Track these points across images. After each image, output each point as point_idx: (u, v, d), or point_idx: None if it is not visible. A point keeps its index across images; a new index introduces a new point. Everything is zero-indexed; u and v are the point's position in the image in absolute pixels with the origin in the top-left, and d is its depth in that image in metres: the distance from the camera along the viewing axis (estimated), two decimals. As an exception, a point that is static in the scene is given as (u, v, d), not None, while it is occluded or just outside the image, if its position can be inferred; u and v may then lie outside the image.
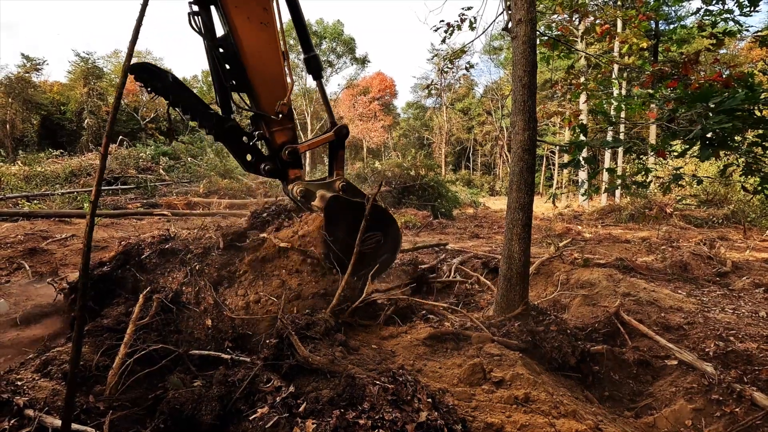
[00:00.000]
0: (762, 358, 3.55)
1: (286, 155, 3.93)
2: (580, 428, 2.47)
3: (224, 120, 3.73)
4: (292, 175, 4.10)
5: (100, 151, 7.19)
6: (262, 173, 3.97)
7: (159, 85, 3.43)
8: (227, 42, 3.59)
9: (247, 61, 3.61)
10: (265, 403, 2.35)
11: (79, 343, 1.72)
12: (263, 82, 3.73)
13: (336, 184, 4.13)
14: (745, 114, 2.49)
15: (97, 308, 3.74)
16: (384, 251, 4.22)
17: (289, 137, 3.97)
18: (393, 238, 4.27)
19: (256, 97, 3.76)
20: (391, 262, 4.48)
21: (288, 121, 3.94)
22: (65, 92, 39.87)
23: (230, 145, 3.85)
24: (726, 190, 16.57)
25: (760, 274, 7.25)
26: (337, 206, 3.87)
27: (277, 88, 3.79)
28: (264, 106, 3.79)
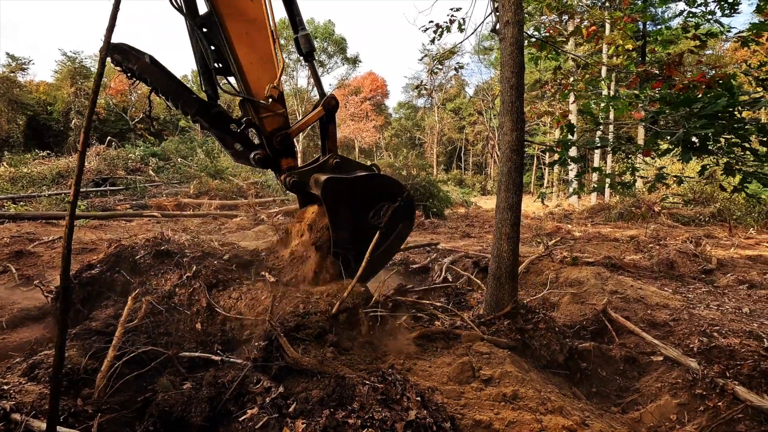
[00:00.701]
0: (744, 353, 3.63)
1: (278, 143, 3.67)
2: (566, 424, 2.52)
3: (209, 106, 3.46)
4: (285, 164, 3.80)
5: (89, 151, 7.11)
6: (252, 163, 3.72)
7: (134, 67, 3.17)
8: (211, 20, 3.33)
9: (233, 41, 3.35)
10: (255, 404, 2.35)
11: (62, 346, 1.72)
12: (251, 64, 3.46)
13: (329, 162, 3.78)
14: (726, 117, 2.55)
15: (86, 311, 3.71)
16: (400, 219, 3.80)
17: (280, 123, 3.68)
18: (405, 201, 3.82)
19: (244, 81, 3.49)
20: (410, 228, 4.05)
21: (279, 106, 3.65)
22: (52, 92, 39.29)
23: (217, 133, 3.61)
24: (712, 189, 16.85)
25: (744, 271, 7.39)
26: (335, 188, 3.50)
27: (266, 70, 3.53)
28: (252, 91, 3.52)
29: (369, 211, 3.64)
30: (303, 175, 3.75)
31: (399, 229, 3.84)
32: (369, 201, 3.66)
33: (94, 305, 3.75)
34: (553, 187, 33.36)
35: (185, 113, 3.42)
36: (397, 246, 3.96)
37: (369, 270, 3.68)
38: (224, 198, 16.30)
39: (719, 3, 4.14)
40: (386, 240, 3.71)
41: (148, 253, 4.26)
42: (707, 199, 17.09)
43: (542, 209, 21.70)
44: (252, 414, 2.27)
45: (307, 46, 3.77)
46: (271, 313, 2.67)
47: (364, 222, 3.64)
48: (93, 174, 17.77)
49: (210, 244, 5.28)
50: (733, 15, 3.84)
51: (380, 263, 4.05)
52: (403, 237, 4.03)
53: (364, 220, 3.64)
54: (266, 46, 3.50)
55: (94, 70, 40.50)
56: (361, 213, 3.61)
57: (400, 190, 3.79)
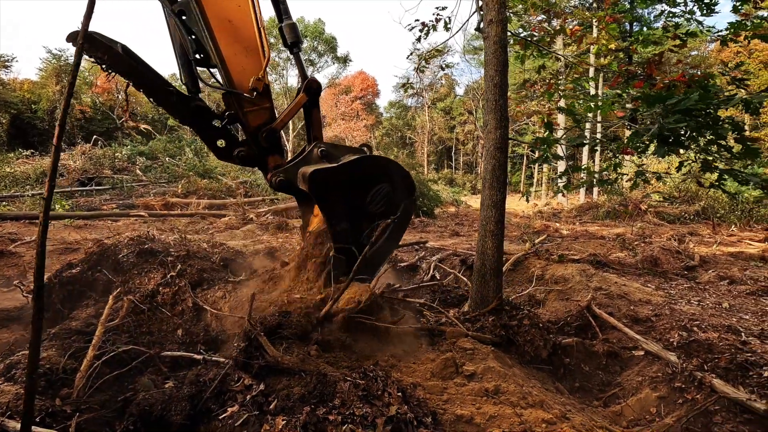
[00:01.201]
0: (722, 347, 3.70)
1: (263, 139, 3.42)
2: (546, 417, 2.55)
3: (187, 99, 3.24)
4: (272, 162, 3.55)
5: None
6: (236, 161, 3.50)
7: (105, 57, 2.95)
8: (189, 6, 3.11)
9: (215, 29, 3.13)
10: (236, 401, 2.34)
11: (37, 346, 1.70)
12: (234, 55, 3.23)
13: (314, 152, 3.53)
14: (701, 114, 2.60)
15: (66, 311, 3.66)
16: (399, 199, 3.56)
17: (265, 118, 3.44)
18: (401, 178, 3.57)
19: (226, 73, 3.26)
20: (413, 208, 3.78)
21: (264, 99, 3.41)
22: (36, 90, 38.57)
23: (198, 129, 3.37)
24: (697, 188, 17.16)
25: (725, 267, 7.54)
26: (322, 180, 3.26)
27: (250, 61, 3.29)
28: (235, 83, 3.28)
29: (365, 197, 3.39)
30: (289, 172, 3.50)
31: (401, 210, 3.56)
32: (363, 186, 3.42)
33: (75, 305, 3.70)
34: (542, 186, 33.67)
35: (162, 107, 3.23)
36: (402, 228, 3.69)
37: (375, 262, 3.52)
38: (213, 197, 16.17)
39: (698, 3, 4.21)
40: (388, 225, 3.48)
41: (131, 251, 4.22)
42: (692, 197, 17.41)
43: (531, 208, 21.90)
44: (232, 412, 2.26)
45: (293, 36, 3.55)
46: (250, 312, 2.65)
47: (362, 209, 3.41)
48: (78, 173, 17.51)
49: (196, 244, 5.25)
50: (711, 15, 3.92)
51: (386, 251, 3.78)
52: (408, 216, 3.77)
53: (362, 207, 3.41)
54: (251, 35, 3.27)
55: (80, 68, 39.86)
56: (357, 200, 3.38)
57: (394, 169, 3.55)
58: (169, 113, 3.30)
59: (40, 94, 37.74)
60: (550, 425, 2.51)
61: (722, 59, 29.34)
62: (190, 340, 3.38)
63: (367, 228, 3.38)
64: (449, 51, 40.08)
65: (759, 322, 4.61)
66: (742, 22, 3.53)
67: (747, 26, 3.35)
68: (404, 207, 3.58)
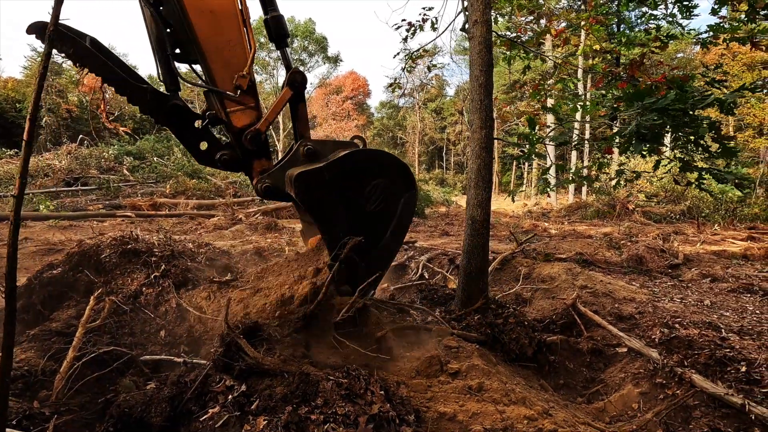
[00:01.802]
0: (702, 343, 3.77)
1: (248, 141, 3.15)
2: (528, 413, 2.57)
3: (163, 98, 2.98)
4: (258, 167, 3.28)
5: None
6: (218, 165, 3.21)
7: (71, 51, 2.73)
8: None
9: (195, 20, 2.88)
10: (217, 402, 2.32)
11: (10, 348, 1.67)
12: (216, 50, 2.98)
13: (300, 151, 3.23)
14: (678, 114, 2.66)
15: (47, 312, 3.61)
16: (398, 193, 3.29)
17: (251, 119, 3.18)
18: (398, 170, 3.28)
19: (207, 69, 3.02)
20: (414, 201, 3.45)
21: (249, 98, 3.14)
22: (21, 89, 37.88)
23: (176, 130, 3.10)
24: (683, 188, 17.45)
25: (708, 265, 7.68)
26: (308, 183, 2.99)
27: (234, 56, 3.03)
28: (218, 80, 3.03)
29: (360, 195, 3.13)
30: (276, 177, 3.23)
31: (402, 204, 3.28)
32: (357, 183, 3.14)
33: (56, 306, 3.65)
34: (531, 185, 33.96)
35: (136, 105, 2.97)
36: (405, 223, 3.40)
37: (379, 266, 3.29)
38: (202, 198, 16.03)
39: (679, 5, 4.29)
40: (389, 223, 3.26)
41: (114, 252, 4.17)
42: (678, 197, 17.70)
43: (522, 207, 22.07)
44: (213, 413, 2.24)
45: (279, 29, 3.26)
46: (227, 315, 2.64)
47: (359, 209, 3.15)
48: (64, 173, 17.24)
49: (182, 244, 5.19)
50: (691, 18, 3.99)
51: (389, 253, 3.49)
52: (410, 211, 3.43)
53: (358, 207, 3.15)
54: (234, 27, 3.02)
55: (66, 66, 39.24)
56: (352, 199, 3.11)
57: (389, 161, 3.25)
58: (143, 113, 3.05)
59: (25, 92, 37.08)
60: (532, 421, 2.54)
61: (706, 61, 29.88)
62: (172, 341, 3.34)
63: (367, 229, 3.12)
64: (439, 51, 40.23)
65: (739, 319, 4.71)
66: (720, 24, 3.60)
67: (725, 29, 3.42)
68: (405, 201, 3.31)
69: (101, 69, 2.84)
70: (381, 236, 3.27)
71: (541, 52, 7.91)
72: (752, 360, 3.50)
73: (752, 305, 5.31)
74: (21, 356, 2.85)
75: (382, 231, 3.27)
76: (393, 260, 3.70)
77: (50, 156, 19.09)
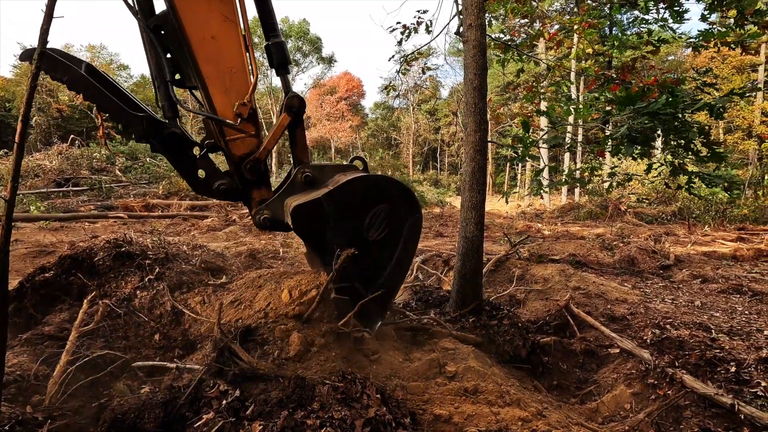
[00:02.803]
0: (692, 343, 3.83)
1: (247, 171, 3.08)
2: (522, 415, 2.60)
3: (160, 125, 2.90)
4: (257, 196, 3.19)
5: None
6: (216, 195, 3.13)
7: (65, 78, 2.71)
8: (168, 21, 2.77)
9: (195, 46, 2.80)
10: (211, 408, 2.31)
11: (2, 353, 1.66)
12: (217, 76, 2.90)
13: (297, 179, 3.15)
14: (668, 117, 2.71)
15: (39, 316, 3.57)
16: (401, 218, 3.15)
17: (251, 147, 3.09)
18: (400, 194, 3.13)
19: (207, 96, 2.94)
20: (420, 224, 3.31)
21: (250, 126, 3.05)
22: (11, 88, 37.44)
23: (173, 159, 3.01)
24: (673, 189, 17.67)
25: (699, 266, 7.78)
26: (307, 216, 2.88)
27: (235, 83, 2.96)
28: (218, 107, 2.96)
29: (362, 223, 3.00)
30: (274, 208, 3.14)
31: (406, 229, 3.16)
32: (358, 211, 3.01)
33: (48, 309, 3.61)
34: (525, 187, 34.16)
35: (131, 133, 2.91)
36: (411, 248, 3.27)
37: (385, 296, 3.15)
38: (195, 198, 15.94)
39: (670, 10, 4.35)
40: (394, 249, 3.14)
41: (107, 255, 4.13)
42: (669, 198, 17.92)
43: (515, 209, 22.20)
44: (207, 419, 2.23)
45: (280, 56, 3.17)
46: (219, 319, 2.64)
47: (362, 238, 3.01)
48: (55, 174, 17.06)
49: (176, 246, 5.17)
50: (682, 22, 4.06)
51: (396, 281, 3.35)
52: (415, 237, 3.29)
53: (361, 236, 3.01)
54: (236, 54, 2.93)
55: (57, 66, 38.92)
56: (353, 229, 2.98)
57: (391, 185, 3.12)
58: (139, 141, 2.97)
59: (15, 92, 36.66)
60: (526, 423, 2.57)
61: (697, 65, 30.28)
62: (167, 345, 3.32)
63: (369, 258, 3.02)
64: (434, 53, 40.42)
65: (728, 320, 4.78)
66: (709, 30, 3.66)
67: (714, 34, 3.48)
68: (409, 225, 3.18)
69: (96, 97, 2.78)
70: (386, 264, 3.14)
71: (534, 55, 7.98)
72: (741, 360, 3.56)
73: (741, 306, 5.39)
74: (13, 360, 2.82)
75: (387, 258, 3.14)
76: (400, 289, 3.57)
77: (41, 156, 18.88)
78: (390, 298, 3.34)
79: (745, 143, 29.19)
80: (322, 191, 2.96)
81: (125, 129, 2.86)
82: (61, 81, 2.72)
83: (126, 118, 2.84)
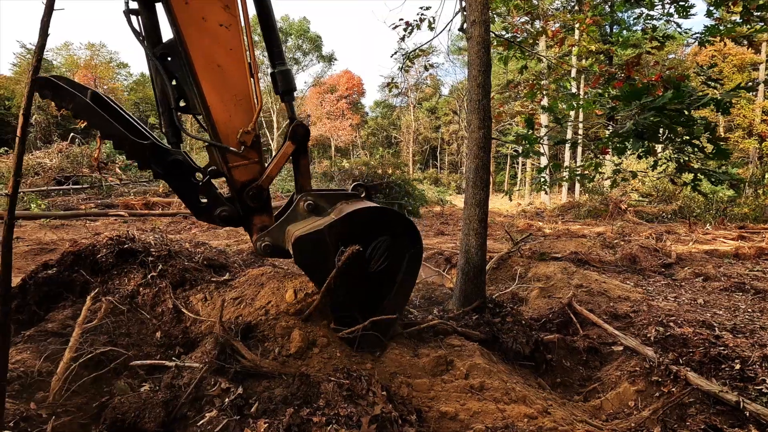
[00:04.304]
0: (696, 341, 3.82)
1: (250, 198, 3.11)
2: (528, 412, 2.59)
3: (163, 153, 2.91)
4: (259, 222, 3.21)
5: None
6: (217, 221, 3.16)
7: (70, 106, 2.74)
8: (174, 49, 2.80)
9: (201, 74, 2.82)
10: (214, 406, 2.29)
11: (5, 350, 1.65)
12: (221, 103, 2.91)
13: (300, 206, 3.17)
14: (674, 113, 2.69)
15: (42, 313, 3.56)
16: (403, 249, 3.15)
17: (253, 174, 3.11)
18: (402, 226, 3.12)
19: (212, 123, 2.94)
20: (420, 256, 3.32)
21: (253, 153, 3.06)
22: (10, 86, 37.36)
23: (175, 186, 3.03)
24: (674, 188, 17.67)
25: (700, 264, 7.77)
26: (308, 249, 2.87)
27: (239, 111, 2.96)
28: (222, 134, 2.96)
29: (363, 254, 2.96)
30: (275, 235, 3.16)
31: (406, 261, 3.16)
32: (359, 243, 2.93)
33: (51, 306, 3.60)
34: (525, 185, 34.17)
35: (133, 161, 2.94)
36: (411, 279, 3.26)
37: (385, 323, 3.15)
38: (195, 197, 15.89)
39: (676, 6, 4.33)
40: (394, 280, 3.14)
41: (110, 252, 4.12)
42: (669, 197, 17.91)
43: (515, 207, 22.20)
44: (211, 417, 2.22)
45: (285, 84, 3.18)
46: (221, 317, 2.62)
47: (362, 270, 3.00)
48: (55, 172, 17.03)
49: (178, 244, 5.16)
50: (688, 17, 4.04)
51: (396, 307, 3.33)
52: (415, 269, 3.28)
53: (361, 268, 3.00)
54: (241, 81, 2.94)
55: (56, 64, 38.76)
56: (354, 261, 2.93)
57: (393, 217, 3.10)
58: (142, 168, 2.95)
59: (14, 90, 36.59)
60: (532, 420, 2.56)
61: (698, 62, 30.23)
62: (168, 343, 3.31)
63: (370, 290, 3.04)
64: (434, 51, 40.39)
65: (731, 317, 4.77)
66: (715, 25, 3.64)
67: (720, 30, 3.46)
68: (410, 257, 3.17)
69: (100, 124, 2.80)
70: (386, 294, 3.13)
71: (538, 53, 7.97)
72: (746, 358, 3.55)
73: (744, 304, 5.39)
74: (17, 357, 2.81)
75: (387, 289, 3.14)
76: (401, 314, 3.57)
77: (41, 154, 18.85)
78: (390, 327, 3.32)
79: (745, 142, 29.18)
80: (324, 221, 2.97)
81: (129, 157, 2.89)
82: (66, 109, 2.76)
83: (130, 146, 2.85)
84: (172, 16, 2.69)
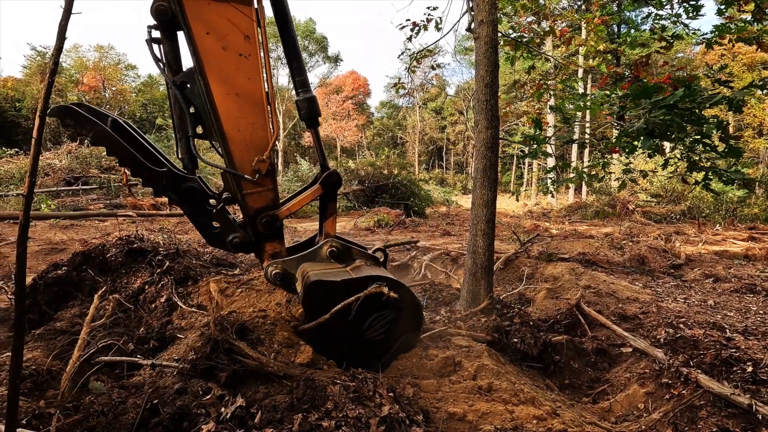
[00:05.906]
0: (707, 343, 3.77)
1: (262, 225, 3.14)
2: (537, 413, 2.57)
3: (180, 180, 2.97)
4: (270, 249, 3.25)
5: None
6: (229, 248, 3.20)
7: (90, 134, 2.81)
8: (194, 78, 2.85)
9: (218, 102, 2.86)
10: (209, 417, 2.13)
11: (20, 349, 1.66)
12: (237, 132, 2.94)
13: (323, 250, 3.22)
14: (684, 111, 2.66)
15: (52, 312, 3.60)
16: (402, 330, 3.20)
17: (267, 201, 3.15)
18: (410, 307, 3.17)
19: (228, 150, 2.97)
20: (415, 342, 3.38)
21: (268, 180, 3.10)
22: (21, 88, 37.82)
23: (189, 211, 3.08)
24: (683, 188, 17.48)
25: (710, 265, 7.68)
26: (319, 296, 2.93)
27: (255, 139, 2.99)
28: (237, 161, 2.99)
29: (365, 319, 2.99)
30: (288, 266, 3.20)
31: (400, 342, 3.22)
32: (365, 307, 2.98)
33: (60, 306, 3.64)
34: (531, 186, 34.00)
35: (150, 187, 3.00)
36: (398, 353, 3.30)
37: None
38: (202, 197, 15.98)
39: (684, 5, 4.29)
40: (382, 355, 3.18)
41: (119, 251, 4.16)
42: (678, 197, 17.72)
43: (522, 207, 22.09)
44: (208, 430, 2.07)
45: (309, 111, 3.19)
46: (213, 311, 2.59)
47: (359, 333, 3.02)
48: (64, 173, 17.21)
49: (187, 243, 5.20)
50: (697, 17, 3.99)
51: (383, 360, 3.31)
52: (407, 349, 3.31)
53: (359, 330, 3.02)
54: (258, 111, 2.98)
55: (66, 66, 39.14)
56: (354, 321, 2.97)
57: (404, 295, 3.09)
58: (157, 195, 3.02)
59: (25, 91, 37.04)
60: (541, 421, 2.54)
61: (707, 62, 29.90)
62: (146, 338, 3.27)
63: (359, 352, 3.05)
64: (440, 51, 40.41)
65: (743, 319, 4.71)
66: (726, 24, 3.60)
67: (731, 29, 3.42)
68: (404, 340, 3.23)
69: (118, 152, 2.88)
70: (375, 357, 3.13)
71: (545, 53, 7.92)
72: (758, 360, 3.50)
73: (755, 305, 5.31)
74: (28, 355, 2.85)
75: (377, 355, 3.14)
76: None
77: (50, 155, 19.07)
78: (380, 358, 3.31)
79: (755, 142, 28.81)
80: (342, 275, 3.02)
81: (145, 184, 2.95)
82: (86, 137, 2.84)
83: (147, 172, 2.93)
84: (194, 45, 2.73)
